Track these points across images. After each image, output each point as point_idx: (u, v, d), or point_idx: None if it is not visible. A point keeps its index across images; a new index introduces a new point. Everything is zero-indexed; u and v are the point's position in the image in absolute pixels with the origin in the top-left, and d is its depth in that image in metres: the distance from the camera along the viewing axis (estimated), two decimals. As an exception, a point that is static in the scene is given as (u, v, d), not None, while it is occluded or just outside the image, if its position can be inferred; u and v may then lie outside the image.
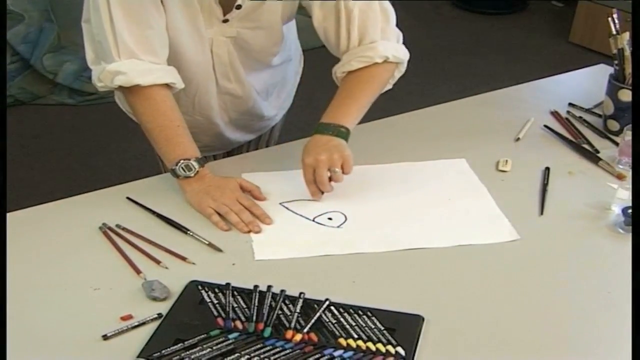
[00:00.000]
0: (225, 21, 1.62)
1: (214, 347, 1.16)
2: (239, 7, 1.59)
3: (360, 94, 1.65)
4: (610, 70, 1.89)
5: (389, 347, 1.17)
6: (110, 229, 1.48)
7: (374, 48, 1.65)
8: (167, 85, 1.58)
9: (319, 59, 2.21)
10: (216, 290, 1.29)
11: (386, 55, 1.66)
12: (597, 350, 1.19)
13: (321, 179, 1.53)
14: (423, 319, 1.23)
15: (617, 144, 1.80)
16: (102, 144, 3.82)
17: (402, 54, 1.70)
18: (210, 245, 1.43)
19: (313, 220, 1.52)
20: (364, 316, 1.23)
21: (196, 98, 1.75)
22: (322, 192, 1.57)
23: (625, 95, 1.81)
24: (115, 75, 1.53)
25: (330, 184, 1.55)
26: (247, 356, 1.15)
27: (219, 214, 1.50)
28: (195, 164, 1.55)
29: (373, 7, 1.64)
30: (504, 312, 1.27)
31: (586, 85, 2.19)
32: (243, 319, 1.23)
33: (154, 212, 1.53)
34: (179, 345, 1.17)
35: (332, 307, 1.25)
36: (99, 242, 1.44)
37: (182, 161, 1.54)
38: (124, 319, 1.23)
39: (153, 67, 1.55)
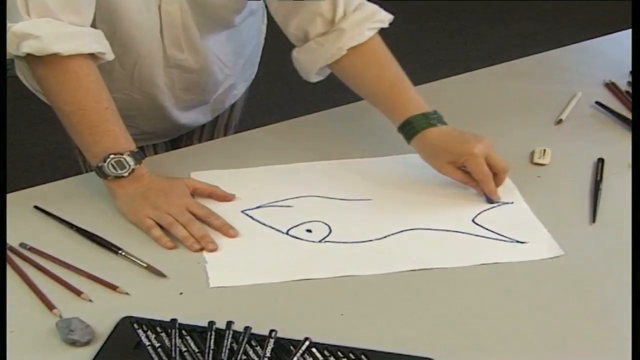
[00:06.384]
0: None
1: (156, 406, 1.17)
2: None
3: (401, 69, 1.72)
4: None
5: (391, 402, 1.18)
6: (12, 249, 1.47)
7: (376, 12, 1.70)
8: (92, 56, 1.57)
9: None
10: (158, 329, 1.29)
11: (390, 16, 1.71)
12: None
13: (501, 164, 1.60)
14: (435, 364, 1.24)
15: (691, 126, 1.82)
16: None
17: None
18: (149, 268, 1.43)
19: (287, 233, 1.53)
20: (357, 360, 1.24)
21: (136, 70, 1.75)
22: None
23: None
24: (24, 39, 1.49)
25: None
26: (200, 417, 1.16)
27: (161, 226, 1.51)
28: (129, 159, 1.54)
29: None
30: (540, 351, 1.28)
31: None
32: (194, 367, 1.24)
33: (72, 226, 1.53)
34: (109, 404, 1.17)
35: (314, 349, 1.26)
36: (-2, 267, 1.44)
37: (111, 156, 1.53)
38: (32, 371, 1.24)
39: (76, 30, 1.54)
